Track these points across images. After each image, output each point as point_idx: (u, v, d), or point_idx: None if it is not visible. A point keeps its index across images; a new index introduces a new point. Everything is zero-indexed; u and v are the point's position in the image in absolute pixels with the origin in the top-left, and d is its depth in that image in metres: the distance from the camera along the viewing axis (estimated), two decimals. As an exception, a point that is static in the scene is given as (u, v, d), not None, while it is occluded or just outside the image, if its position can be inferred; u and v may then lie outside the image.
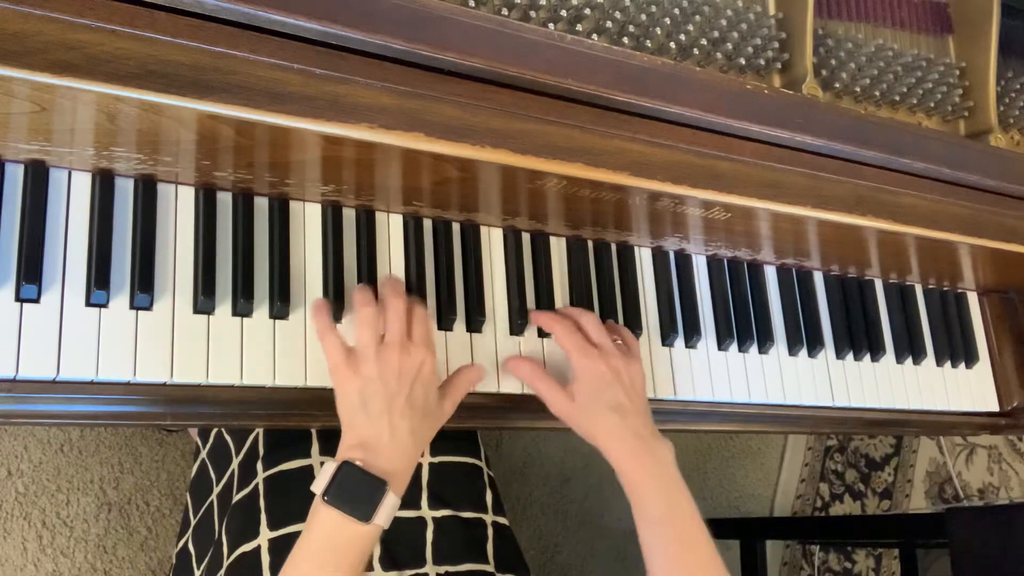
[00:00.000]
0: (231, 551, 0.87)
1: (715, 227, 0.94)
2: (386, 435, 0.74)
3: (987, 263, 1.11)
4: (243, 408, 0.80)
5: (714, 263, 1.05)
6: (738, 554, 1.82)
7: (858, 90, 0.98)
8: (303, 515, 0.84)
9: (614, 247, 0.99)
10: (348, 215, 0.86)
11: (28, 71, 0.58)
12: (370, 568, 0.74)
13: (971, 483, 2.32)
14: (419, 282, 0.87)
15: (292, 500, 0.87)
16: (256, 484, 0.89)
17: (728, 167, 0.84)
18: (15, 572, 1.34)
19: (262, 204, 0.82)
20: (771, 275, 1.09)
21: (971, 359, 1.21)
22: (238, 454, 0.94)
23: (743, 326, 1.04)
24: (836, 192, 0.89)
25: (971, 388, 1.20)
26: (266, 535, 0.85)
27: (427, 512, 0.91)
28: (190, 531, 0.99)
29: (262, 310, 0.80)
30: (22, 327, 0.70)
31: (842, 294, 1.13)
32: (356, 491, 0.72)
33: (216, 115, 0.65)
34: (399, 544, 0.85)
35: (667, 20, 0.86)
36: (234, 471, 0.93)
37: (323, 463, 0.89)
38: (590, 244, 0.98)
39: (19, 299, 0.71)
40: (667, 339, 0.99)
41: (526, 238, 0.94)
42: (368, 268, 0.85)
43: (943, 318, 1.21)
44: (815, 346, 1.08)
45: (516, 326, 0.91)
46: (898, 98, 1.00)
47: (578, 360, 0.86)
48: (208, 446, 1.01)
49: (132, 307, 0.74)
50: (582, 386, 0.86)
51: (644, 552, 0.81)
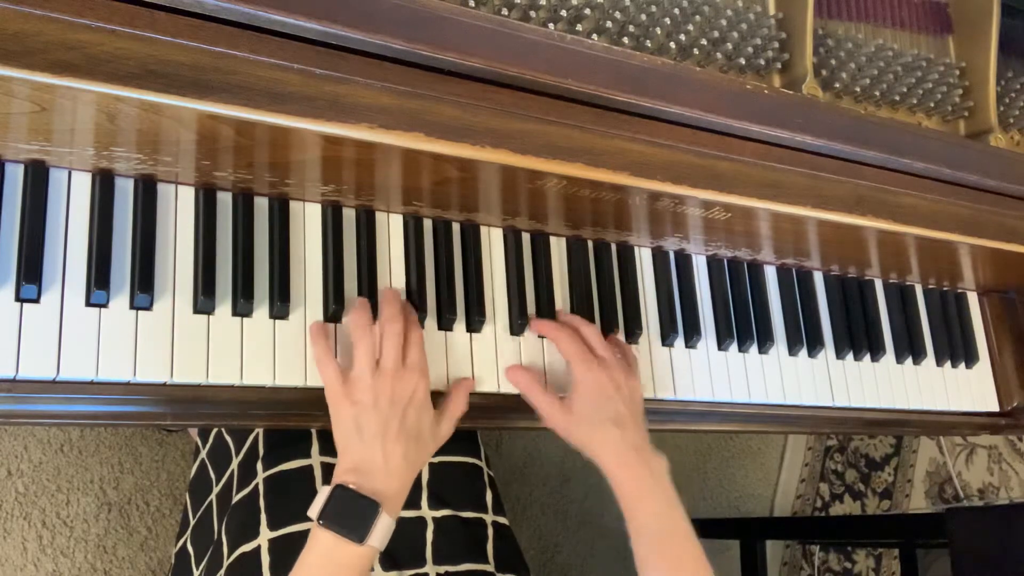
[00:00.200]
0: (231, 551, 0.87)
1: (715, 227, 0.94)
2: (379, 459, 0.75)
3: (987, 263, 1.11)
4: (243, 408, 0.80)
5: (714, 263, 1.05)
6: (738, 554, 1.81)
7: (858, 90, 0.98)
8: (303, 515, 0.84)
9: (614, 247, 0.99)
10: (348, 215, 0.86)
11: (28, 71, 0.58)
12: (370, 568, 0.75)
13: (971, 483, 2.32)
14: (419, 282, 0.87)
15: (292, 500, 0.87)
16: (256, 484, 0.89)
17: (728, 167, 0.84)
18: (15, 572, 1.34)
19: (262, 204, 0.82)
20: (771, 275, 1.09)
21: (971, 359, 1.21)
22: (238, 454, 0.94)
23: (743, 326, 1.04)
24: (836, 192, 0.89)
25: (971, 388, 1.20)
26: (266, 535, 0.85)
27: (427, 512, 0.91)
28: (189, 531, 0.99)
29: (262, 310, 0.80)
30: (22, 327, 0.70)
31: (842, 294, 1.13)
32: (350, 513, 0.73)
33: (216, 115, 0.65)
34: (399, 544, 0.85)
35: (667, 20, 0.86)
36: (234, 471, 0.93)
37: (323, 463, 0.89)
38: (590, 244, 0.98)
39: (19, 299, 0.71)
40: (667, 339, 0.99)
41: (526, 238, 0.94)
42: (368, 268, 0.85)
43: (943, 318, 1.21)
44: (815, 346, 1.08)
45: (516, 326, 0.91)
46: (898, 98, 1.00)
47: (581, 370, 0.86)
48: (208, 446, 1.01)
49: (132, 307, 0.74)
50: (582, 397, 0.86)
51: (638, 564, 0.82)
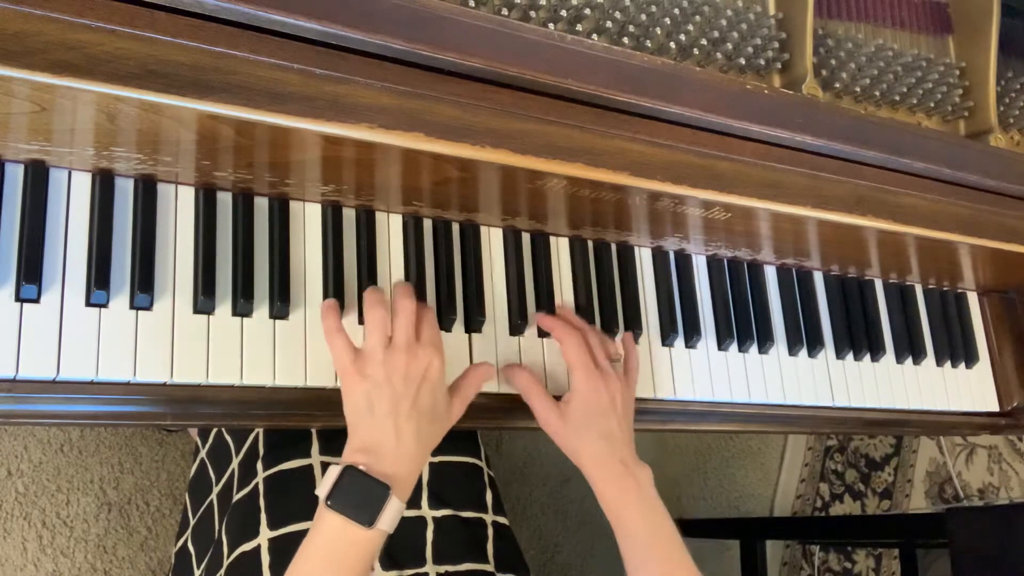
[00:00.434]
0: (231, 551, 0.87)
1: (715, 227, 0.94)
2: (391, 438, 0.74)
3: (987, 263, 1.11)
4: (243, 408, 0.80)
5: (714, 263, 1.05)
6: (738, 554, 1.81)
7: (858, 90, 0.98)
8: (303, 515, 0.84)
9: (614, 247, 0.99)
10: (348, 215, 0.86)
11: (28, 71, 0.58)
12: (378, 552, 0.74)
13: (971, 483, 2.32)
14: (419, 282, 0.87)
15: (292, 500, 0.87)
16: (256, 484, 0.89)
17: (728, 167, 0.84)
18: (15, 572, 1.34)
19: (262, 204, 0.82)
20: (771, 275, 1.09)
21: (971, 359, 1.21)
22: (238, 454, 0.94)
23: (743, 326, 1.04)
24: (836, 192, 0.89)
25: (971, 388, 1.20)
26: (266, 535, 0.85)
27: (427, 512, 0.91)
28: (189, 531, 0.99)
29: (262, 310, 0.80)
30: (22, 327, 0.70)
31: (842, 294, 1.13)
32: (359, 496, 0.71)
33: (216, 115, 0.65)
34: (399, 544, 0.85)
35: (667, 20, 0.86)
36: (234, 471, 0.93)
37: (323, 463, 0.89)
38: (590, 244, 0.98)
39: (19, 299, 0.71)
40: (667, 339, 0.99)
41: (526, 238, 0.94)
42: (368, 268, 0.85)
43: (943, 318, 1.21)
44: (815, 346, 1.08)
45: (516, 326, 0.91)
46: (898, 98, 1.00)
47: (581, 381, 0.86)
48: (208, 446, 1.01)
49: (132, 307, 0.74)
50: (577, 407, 0.85)
51: (628, 573, 0.82)
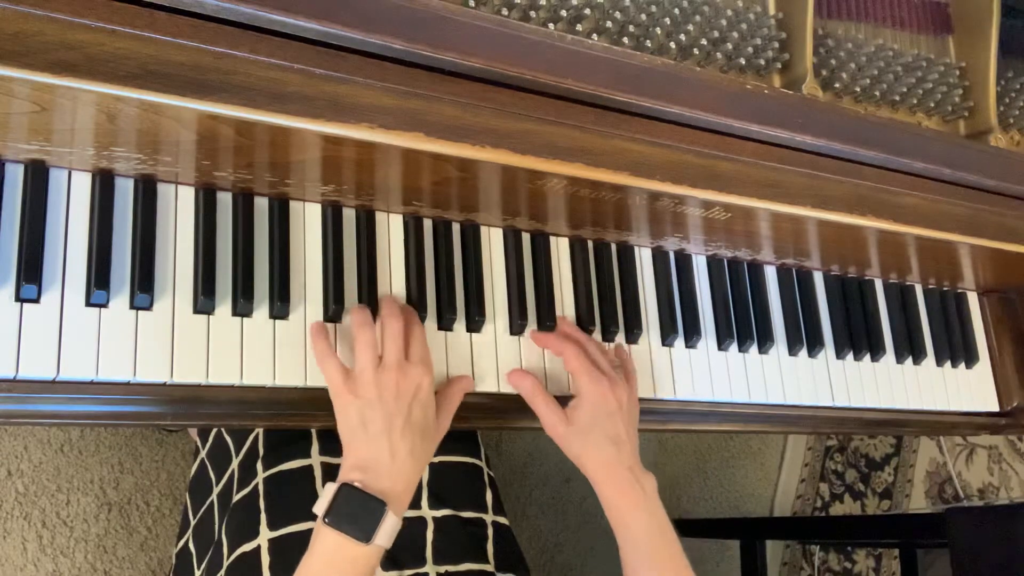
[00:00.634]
0: (231, 551, 0.87)
1: (715, 227, 0.94)
2: (386, 456, 0.74)
3: (987, 263, 1.11)
4: (243, 408, 0.80)
5: (714, 263, 1.05)
6: (738, 554, 1.81)
7: (858, 90, 0.98)
8: (303, 515, 0.84)
9: (614, 247, 0.99)
10: (348, 215, 0.86)
11: (28, 71, 0.58)
12: (376, 567, 0.74)
13: (971, 483, 2.32)
14: (419, 282, 0.87)
15: (292, 500, 0.87)
16: (256, 484, 0.89)
17: (728, 167, 0.84)
18: (15, 572, 1.34)
19: (262, 204, 0.82)
20: (771, 275, 1.09)
21: (971, 359, 1.21)
22: (238, 454, 0.94)
23: (743, 326, 1.04)
24: (836, 192, 0.89)
25: (971, 388, 1.20)
26: (266, 535, 0.85)
27: (427, 512, 0.91)
28: (190, 531, 0.99)
29: (262, 310, 0.80)
30: (22, 327, 0.70)
31: (842, 294, 1.13)
32: (356, 512, 0.72)
33: (216, 115, 0.65)
34: (399, 544, 0.85)
35: (667, 20, 0.86)
36: (234, 471, 0.93)
37: (323, 463, 0.89)
38: (590, 244, 0.98)
39: (19, 299, 0.71)
40: (667, 339, 0.99)
41: (526, 238, 0.94)
42: (368, 268, 0.85)
43: (943, 318, 1.21)
44: (815, 346, 1.08)
45: (516, 326, 0.91)
46: (898, 98, 1.00)
47: (587, 385, 0.86)
48: (208, 446, 1.01)
49: (132, 307, 0.74)
50: (584, 411, 0.85)
51: None
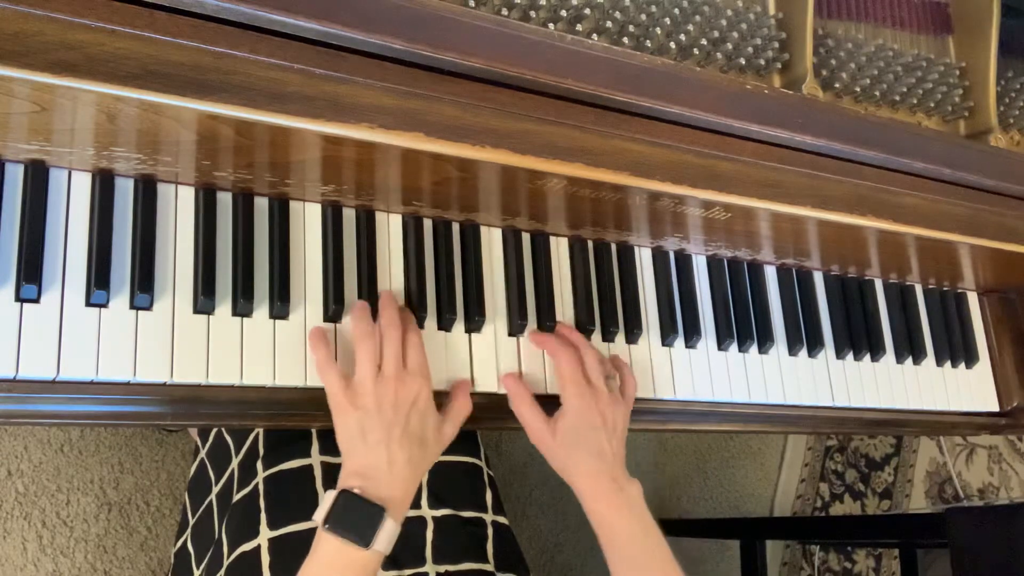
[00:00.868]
0: (231, 551, 0.87)
1: (715, 227, 0.94)
2: (384, 463, 0.75)
3: (987, 263, 1.11)
4: (243, 408, 0.80)
5: (714, 263, 1.05)
6: (738, 554, 1.81)
7: (858, 90, 0.98)
8: (303, 515, 0.84)
9: (614, 247, 0.99)
10: (348, 215, 0.86)
11: (28, 71, 0.59)
12: (375, 573, 0.75)
13: (971, 483, 2.32)
14: (419, 282, 0.87)
15: (292, 500, 0.87)
16: (256, 484, 0.89)
17: (728, 167, 0.84)
18: (15, 572, 1.34)
19: (262, 204, 0.82)
20: (771, 275, 1.09)
21: (971, 359, 1.21)
22: (238, 454, 0.94)
23: (743, 326, 1.04)
24: (836, 192, 0.89)
25: (971, 388, 1.20)
26: (266, 535, 0.85)
27: (427, 511, 0.91)
28: (189, 531, 0.99)
29: (262, 310, 0.80)
30: (22, 327, 0.70)
31: (842, 294, 1.13)
32: (355, 518, 0.72)
33: (216, 115, 0.65)
34: (399, 543, 0.85)
35: (667, 20, 0.86)
36: (234, 471, 0.93)
37: (323, 463, 0.89)
38: (590, 244, 0.98)
39: (19, 299, 0.71)
40: (667, 339, 0.99)
41: (526, 238, 0.94)
42: (368, 268, 0.85)
43: (943, 318, 1.21)
44: (815, 346, 1.08)
45: (516, 326, 0.91)
46: (898, 98, 1.00)
47: (571, 398, 0.86)
48: (208, 446, 1.01)
49: (132, 307, 0.74)
50: (567, 424, 0.85)
51: None
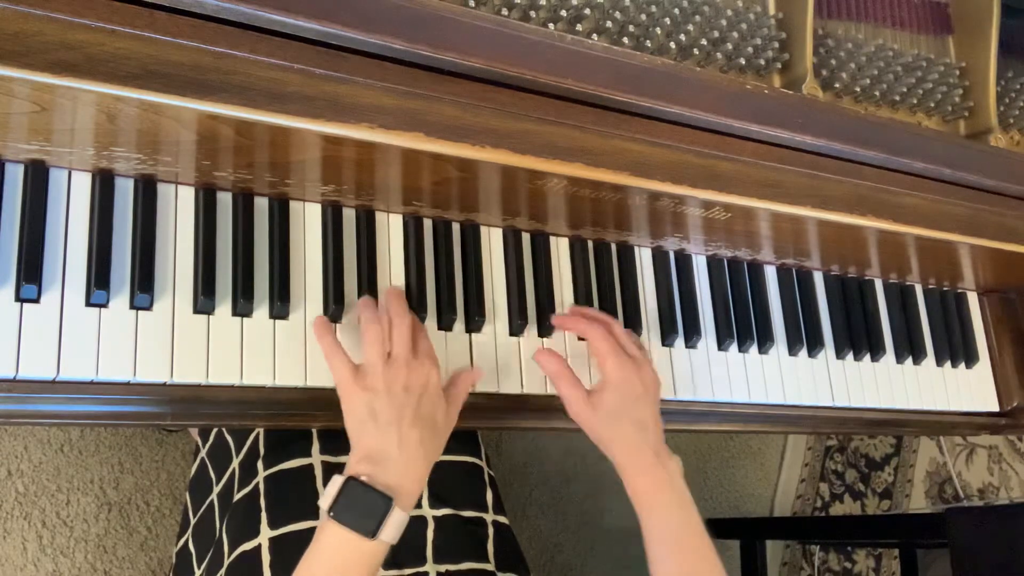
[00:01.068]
0: (231, 550, 0.87)
1: (715, 227, 0.94)
2: (394, 446, 0.74)
3: (987, 263, 1.11)
4: (243, 408, 0.80)
5: (714, 263, 1.05)
6: (738, 554, 1.82)
7: (858, 90, 0.98)
8: (304, 514, 0.84)
9: (614, 247, 0.99)
10: (348, 215, 0.86)
11: (28, 71, 0.59)
12: (381, 562, 0.74)
13: (971, 483, 2.32)
14: (419, 282, 0.87)
15: (293, 499, 0.87)
16: (256, 483, 0.89)
17: (728, 167, 0.84)
18: (15, 572, 1.34)
19: (262, 204, 0.82)
20: (771, 275, 1.09)
21: (971, 359, 1.21)
22: (238, 453, 0.94)
23: (743, 326, 1.04)
24: (836, 192, 0.89)
25: (971, 388, 1.20)
26: (266, 534, 0.85)
27: (428, 511, 0.91)
28: (190, 530, 0.99)
29: (262, 310, 0.80)
30: (22, 327, 0.70)
31: (842, 294, 1.13)
32: (362, 507, 0.71)
33: (216, 115, 0.65)
34: (399, 543, 0.85)
35: (667, 20, 0.86)
36: (234, 470, 0.93)
37: (324, 463, 0.89)
38: (590, 244, 0.98)
39: (19, 299, 0.71)
40: (667, 339, 0.99)
41: (526, 238, 0.94)
42: (368, 268, 0.85)
43: (943, 318, 1.21)
44: (815, 346, 1.08)
45: (516, 326, 0.91)
46: (898, 98, 1.00)
47: (614, 369, 0.85)
48: (208, 445, 1.01)
49: (132, 307, 0.74)
50: (611, 395, 0.84)
51: (651, 564, 0.81)
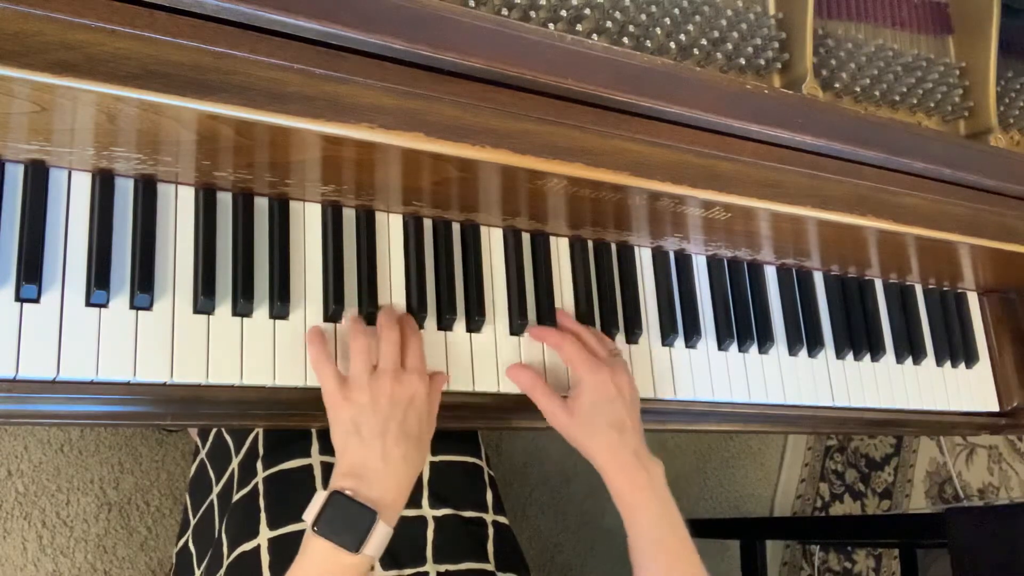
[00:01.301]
0: (231, 550, 0.87)
1: (715, 227, 0.94)
2: (378, 460, 0.74)
3: (987, 263, 1.11)
4: (243, 408, 0.80)
5: (714, 263, 1.05)
6: (738, 554, 1.81)
7: (858, 90, 0.98)
8: (303, 515, 0.84)
9: (614, 247, 0.99)
10: (348, 215, 0.86)
11: (28, 71, 0.59)
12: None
13: (971, 483, 2.32)
14: (419, 282, 0.87)
15: (292, 499, 0.87)
16: (256, 483, 0.89)
17: (728, 167, 0.84)
18: (15, 572, 1.34)
19: (262, 204, 0.82)
20: (771, 275, 1.09)
21: (971, 359, 1.21)
22: (238, 454, 0.94)
23: (743, 326, 1.04)
24: (836, 192, 0.89)
25: (971, 388, 1.20)
26: (266, 534, 0.85)
27: (428, 511, 0.91)
28: (190, 531, 0.99)
29: (262, 310, 0.80)
30: (22, 327, 0.70)
31: (842, 294, 1.13)
32: (346, 522, 0.71)
33: (216, 115, 0.65)
34: (400, 543, 0.85)
35: (667, 20, 0.86)
36: (234, 471, 0.93)
37: (323, 463, 0.89)
38: (590, 244, 0.98)
39: (19, 299, 0.71)
40: (667, 339, 0.99)
41: (526, 238, 0.94)
42: (368, 268, 0.85)
43: (943, 318, 1.21)
44: (815, 346, 1.08)
45: (516, 326, 0.91)
46: (898, 98, 1.00)
47: (587, 375, 0.86)
48: (208, 446, 1.01)
49: (132, 307, 0.74)
50: (585, 400, 0.85)
51: (634, 566, 0.82)
